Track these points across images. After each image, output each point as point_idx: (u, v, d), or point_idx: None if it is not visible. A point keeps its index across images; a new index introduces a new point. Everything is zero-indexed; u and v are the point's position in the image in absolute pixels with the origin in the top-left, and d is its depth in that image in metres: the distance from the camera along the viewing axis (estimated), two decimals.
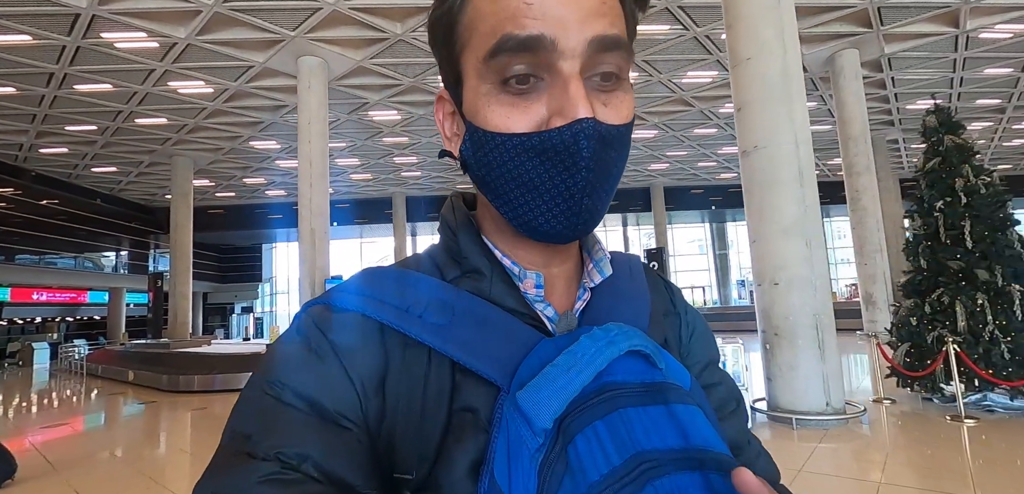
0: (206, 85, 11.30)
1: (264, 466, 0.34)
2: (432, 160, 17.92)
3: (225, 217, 22.64)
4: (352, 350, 0.39)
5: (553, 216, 0.40)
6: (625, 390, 0.36)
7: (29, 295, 18.62)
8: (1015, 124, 17.58)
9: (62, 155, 15.39)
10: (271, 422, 0.36)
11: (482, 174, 0.42)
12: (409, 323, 0.40)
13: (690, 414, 0.36)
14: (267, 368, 0.40)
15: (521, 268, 0.44)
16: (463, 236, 0.46)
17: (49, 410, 8.84)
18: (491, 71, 0.39)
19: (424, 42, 10.03)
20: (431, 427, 0.39)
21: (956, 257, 4.64)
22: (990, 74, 13.27)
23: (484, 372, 0.39)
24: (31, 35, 8.91)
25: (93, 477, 4.59)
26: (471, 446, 0.37)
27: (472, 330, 0.40)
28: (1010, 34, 11.17)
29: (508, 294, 0.43)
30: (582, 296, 0.47)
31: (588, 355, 0.36)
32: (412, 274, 0.44)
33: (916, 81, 13.57)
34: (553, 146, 0.38)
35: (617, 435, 0.34)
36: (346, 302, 0.42)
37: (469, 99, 0.42)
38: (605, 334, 0.38)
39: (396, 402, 0.39)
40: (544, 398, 0.34)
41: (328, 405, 0.37)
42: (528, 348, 0.39)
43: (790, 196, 4.26)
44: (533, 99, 0.39)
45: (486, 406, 0.38)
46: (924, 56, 12.07)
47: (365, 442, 0.38)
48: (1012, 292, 4.36)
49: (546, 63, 0.38)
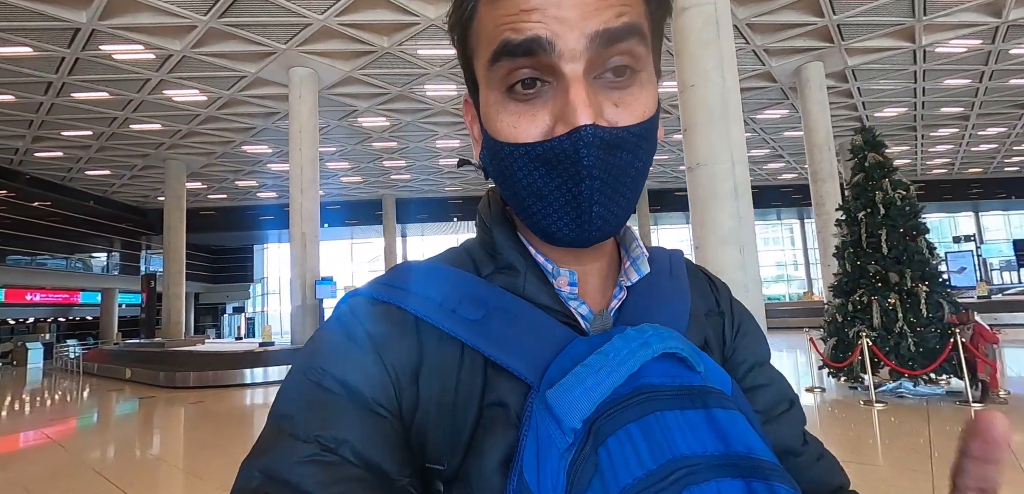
0: (200, 93, 11.71)
1: (305, 447, 0.35)
2: (421, 163, 18.39)
3: (217, 218, 22.96)
4: (388, 341, 0.40)
5: (565, 224, 0.40)
6: (661, 393, 0.35)
7: (23, 296, 18.89)
8: (980, 131, 18.36)
9: (57, 159, 15.70)
10: (312, 406, 0.37)
11: (499, 181, 0.43)
12: (443, 317, 0.41)
13: (731, 419, 0.35)
14: (309, 355, 0.41)
15: (555, 265, 0.44)
16: (498, 232, 0.46)
17: (59, 404, 9.24)
18: (496, 78, 0.39)
19: (410, 54, 10.54)
20: (463, 420, 0.39)
21: (874, 261, 5.25)
22: (950, 84, 13.99)
23: (515, 369, 0.39)
24: (32, 47, 9.30)
25: (111, 461, 5.06)
26: (502, 441, 0.37)
27: (505, 326, 0.41)
28: (964, 49, 11.87)
29: (542, 291, 0.43)
30: (618, 294, 0.46)
31: (620, 356, 0.36)
32: (447, 269, 0.45)
33: (881, 91, 14.27)
34: (555, 156, 0.38)
35: (652, 438, 0.33)
36: (384, 294, 0.43)
37: (484, 107, 0.42)
38: (639, 335, 0.37)
39: (429, 393, 0.40)
40: (574, 398, 0.34)
41: (366, 393, 0.38)
42: (561, 346, 0.39)
43: (727, 209, 4.82)
44: (539, 105, 0.39)
45: (517, 402, 0.38)
46: (886, 68, 12.75)
47: (400, 430, 0.39)
48: (919, 292, 4.97)
49: (548, 66, 0.38)
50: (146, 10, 8.49)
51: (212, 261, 27.96)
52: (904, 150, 20.48)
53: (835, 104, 14.98)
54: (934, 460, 3.71)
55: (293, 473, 0.35)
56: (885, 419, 4.67)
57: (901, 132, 18.07)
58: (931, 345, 4.79)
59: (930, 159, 22.30)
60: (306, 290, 9.87)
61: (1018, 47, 11.92)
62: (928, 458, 3.78)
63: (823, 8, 9.76)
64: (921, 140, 19.19)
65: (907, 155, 21.37)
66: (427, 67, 11.12)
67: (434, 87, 12.22)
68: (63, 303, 21.09)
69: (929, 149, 20.61)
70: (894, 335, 4.93)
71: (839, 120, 16.57)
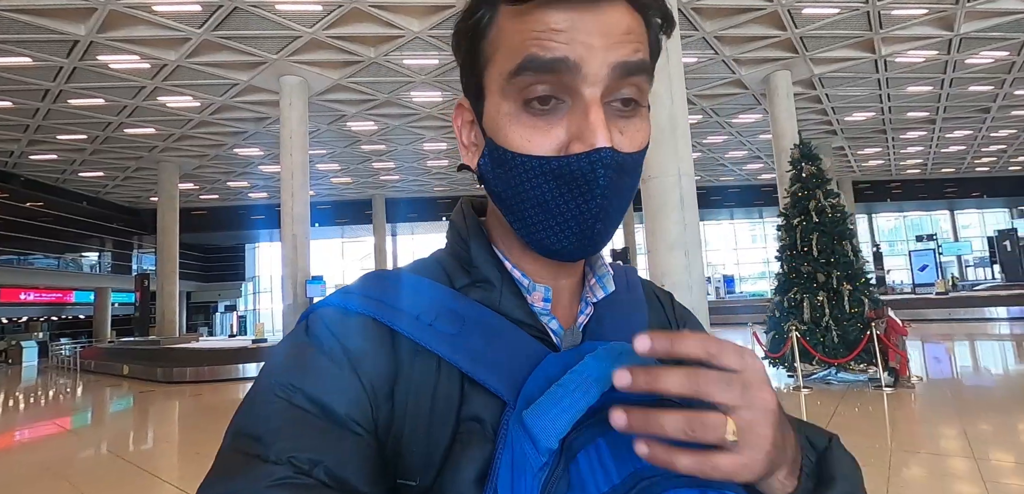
0: (193, 100, 12.13)
1: (277, 470, 0.34)
2: (409, 165, 18.86)
3: (209, 218, 23.29)
4: (363, 355, 0.39)
5: (565, 237, 0.41)
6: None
7: (17, 295, 19.15)
8: (947, 133, 19.13)
9: (51, 161, 16.02)
10: (282, 425, 0.36)
11: (499, 190, 0.43)
12: (420, 331, 0.41)
13: None
14: (277, 369, 0.39)
15: (530, 280, 0.45)
16: (475, 245, 0.46)
17: (69, 397, 9.67)
18: (514, 90, 0.40)
19: (396, 63, 11.02)
20: (438, 435, 0.39)
21: (806, 263, 5.86)
22: (913, 91, 14.69)
23: (491, 385, 0.39)
24: (31, 57, 9.69)
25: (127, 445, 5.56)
26: (477, 455, 0.37)
27: (481, 341, 0.41)
28: (922, 59, 12.55)
29: (517, 306, 0.44)
30: (585, 311, 0.48)
31: (594, 375, 0.36)
32: (423, 280, 0.45)
33: (849, 96, 14.94)
34: (571, 172, 0.39)
35: (619, 451, 0.34)
36: (357, 305, 0.42)
37: (491, 115, 0.42)
38: (609, 352, 0.38)
39: (404, 408, 0.39)
40: (551, 419, 0.34)
41: (339, 410, 0.37)
42: (534, 362, 0.40)
43: (674, 218, 5.40)
44: (554, 121, 0.40)
45: (493, 417, 0.39)
46: (851, 76, 13.42)
47: (375, 447, 0.38)
48: (844, 290, 5.58)
49: (569, 86, 0.39)
50: (143, 24, 8.92)
51: (204, 260, 28.26)
52: (877, 151, 21.24)
53: (806, 108, 15.65)
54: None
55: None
56: (810, 402, 5.29)
57: (872, 134, 18.80)
58: (852, 337, 5.41)
59: (903, 159, 23.08)
60: (297, 289, 10.36)
61: (973, 58, 12.62)
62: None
63: (785, 22, 10.37)
64: (892, 142, 19.93)
65: (880, 156, 22.13)
66: (412, 76, 11.62)
67: (420, 94, 12.72)
68: (57, 302, 21.36)
69: (901, 150, 21.37)
70: (821, 329, 5.54)
71: (811, 124, 17.25)
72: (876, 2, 9.87)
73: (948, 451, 3.91)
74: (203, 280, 28.46)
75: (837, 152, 20.48)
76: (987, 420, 4.53)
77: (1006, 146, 21.46)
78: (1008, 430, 4.31)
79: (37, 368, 16.84)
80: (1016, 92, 15.22)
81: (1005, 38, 11.71)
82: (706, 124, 16.70)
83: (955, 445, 3.96)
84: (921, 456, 3.84)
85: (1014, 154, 23.05)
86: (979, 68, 13.28)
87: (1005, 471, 3.40)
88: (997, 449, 3.83)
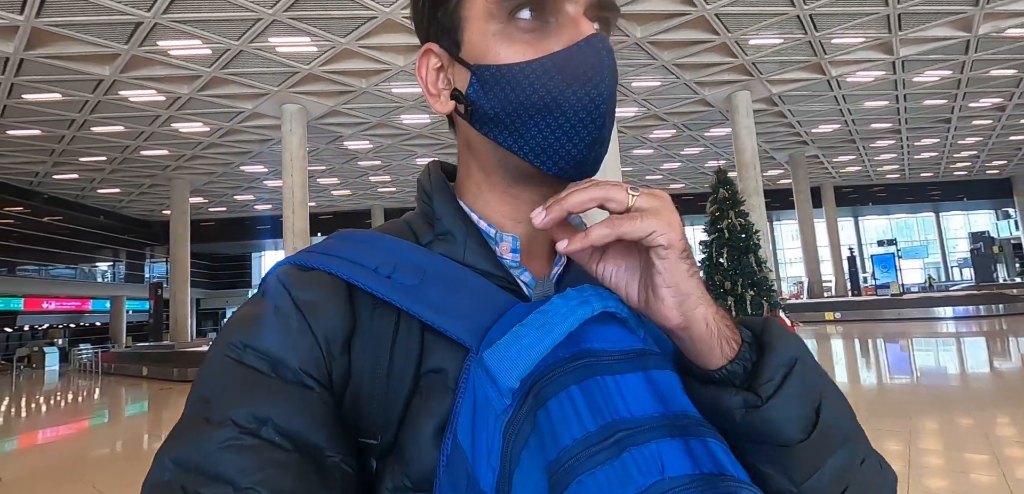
0: (203, 125, 13.37)
1: (222, 432, 0.33)
2: (404, 178, 20.03)
3: (217, 229, 24.59)
4: (318, 308, 0.38)
5: (579, 139, 0.39)
6: (602, 357, 0.36)
7: (40, 304, 20.48)
8: (915, 141, 20.07)
9: (73, 179, 17.33)
10: (230, 385, 0.35)
11: (496, 112, 0.41)
12: (378, 283, 0.39)
13: (668, 380, 0.36)
14: (229, 330, 0.38)
15: (498, 231, 0.44)
16: (438, 199, 0.45)
17: (102, 396, 10.88)
18: (502, 12, 0.39)
19: (386, 92, 12.19)
20: (397, 390, 0.38)
21: (718, 274, 6.93)
22: (870, 106, 15.70)
23: (453, 332, 0.38)
24: (61, 94, 10.94)
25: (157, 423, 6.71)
26: (438, 408, 0.36)
27: (442, 291, 0.40)
28: (872, 78, 13.58)
29: (483, 257, 0.43)
30: (559, 261, 0.46)
31: (560, 314, 0.35)
32: (383, 236, 0.43)
33: (811, 111, 15.97)
34: (576, 60, 0.39)
35: (593, 401, 0.33)
36: (314, 261, 0.41)
37: (475, 42, 0.41)
38: (578, 294, 0.37)
39: (362, 363, 0.38)
40: (511, 356, 0.34)
41: (291, 363, 0.36)
42: (501, 312, 0.39)
43: None
44: (543, 36, 0.40)
45: (455, 368, 0.37)
46: (809, 95, 14.46)
47: (330, 403, 0.37)
48: (747, 297, 6.64)
49: (554, 6, 0.39)
50: (159, 65, 10.14)
51: (212, 269, 29.58)
52: (851, 158, 22.19)
53: (774, 122, 16.69)
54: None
55: (209, 461, 0.32)
56: None
57: (842, 143, 19.78)
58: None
59: (879, 165, 23.99)
60: None
61: (919, 76, 13.63)
62: None
63: (735, 51, 11.45)
64: (863, 150, 20.89)
65: (856, 162, 23.07)
66: (401, 102, 12.80)
67: (409, 117, 13.90)
68: (75, 310, 22.68)
69: (875, 157, 22.30)
70: None
71: (781, 136, 18.28)
72: (815, 32, 10.93)
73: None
74: (211, 288, 29.78)
75: (812, 160, 21.47)
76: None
77: (977, 151, 22.35)
78: (864, 426, 5.32)
79: (58, 372, 18.07)
80: (971, 104, 16.18)
81: (945, 59, 12.74)
82: (681, 137, 17.76)
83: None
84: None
85: (988, 159, 23.91)
86: (928, 85, 14.28)
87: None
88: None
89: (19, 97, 10.84)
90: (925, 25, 10.97)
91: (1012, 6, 10.43)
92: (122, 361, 14.94)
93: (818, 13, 10.18)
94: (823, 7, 9.95)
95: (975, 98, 15.60)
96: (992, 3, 10.19)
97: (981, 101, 15.95)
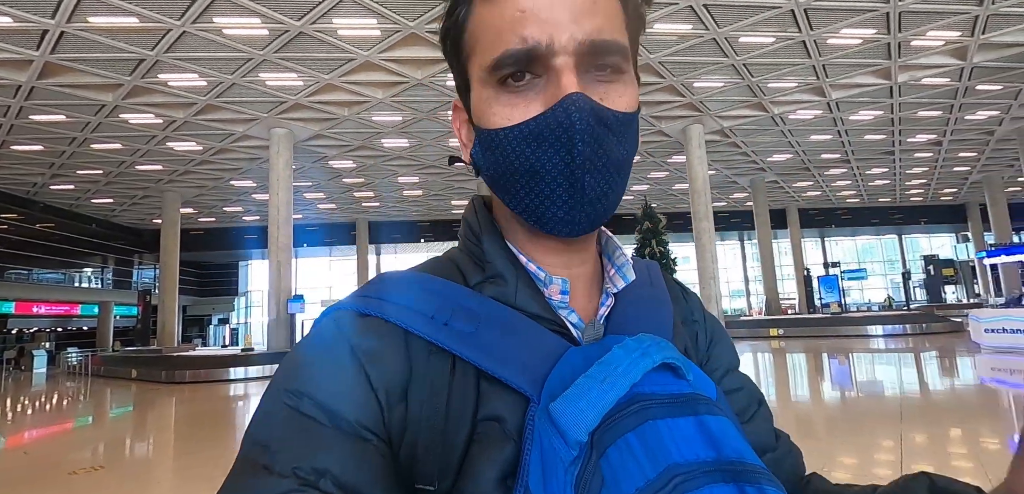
0: (196, 144, 14.35)
1: (282, 483, 0.34)
2: (388, 194, 21.08)
3: (206, 238, 25.39)
4: (375, 357, 0.39)
5: (557, 200, 0.40)
6: (654, 401, 0.36)
7: (30, 308, 21.13)
8: (866, 170, 21.51)
9: (68, 190, 18.16)
10: (289, 434, 0.36)
11: (491, 173, 0.43)
12: (436, 330, 0.40)
13: (721, 426, 0.36)
14: (287, 375, 0.39)
15: (547, 273, 0.44)
16: (488, 240, 0.45)
17: (96, 395, 11.71)
18: (493, 78, 0.41)
19: (367, 120, 13.29)
20: (455, 438, 0.38)
21: None
22: (816, 139, 17.10)
23: (512, 381, 0.38)
24: (65, 115, 11.90)
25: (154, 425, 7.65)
26: (497, 456, 0.36)
27: (499, 337, 0.40)
28: (811, 116, 14.95)
29: (533, 300, 0.43)
30: (605, 302, 0.46)
31: (622, 367, 0.36)
32: (436, 280, 0.43)
33: (763, 142, 17.32)
34: (548, 125, 0.39)
35: (649, 447, 0.34)
36: (371, 308, 0.41)
37: (476, 105, 0.43)
38: (638, 345, 0.38)
39: (419, 411, 0.38)
40: (579, 410, 0.34)
41: (349, 415, 0.36)
42: (556, 357, 0.39)
43: None
44: (531, 96, 0.40)
45: (513, 415, 0.37)
46: (757, 129, 15.79)
47: (387, 454, 0.37)
48: None
49: (543, 63, 0.40)
50: (158, 93, 11.16)
51: (200, 277, 30.26)
52: (810, 184, 23.62)
53: (731, 151, 18.02)
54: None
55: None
56: None
57: (798, 171, 21.18)
58: None
59: (836, 191, 25.47)
60: (280, 306, 12.51)
61: (854, 115, 15.03)
62: None
63: (682, 92, 12.73)
64: (819, 177, 22.33)
65: (815, 187, 24.52)
66: (381, 128, 13.91)
67: (389, 141, 15.00)
68: (64, 314, 23.30)
69: (832, 184, 23.77)
70: None
71: (739, 163, 19.63)
72: (752, 78, 12.25)
73: None
74: (199, 295, 30.43)
75: (773, 185, 22.87)
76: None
77: (926, 180, 23.91)
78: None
79: (46, 374, 18.70)
80: (909, 140, 17.66)
81: (874, 102, 14.15)
82: (647, 162, 19.03)
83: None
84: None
85: (939, 187, 25.51)
86: (865, 122, 15.70)
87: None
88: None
89: (26, 118, 11.78)
90: (849, 74, 12.34)
91: (923, 60, 11.84)
92: (112, 364, 15.73)
93: (751, 63, 11.50)
94: (756, 57, 11.27)
95: (911, 133, 17.05)
96: (904, 57, 11.58)
97: (917, 137, 17.43)
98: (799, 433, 4.45)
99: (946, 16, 10.00)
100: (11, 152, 14.03)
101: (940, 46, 11.15)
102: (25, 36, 8.75)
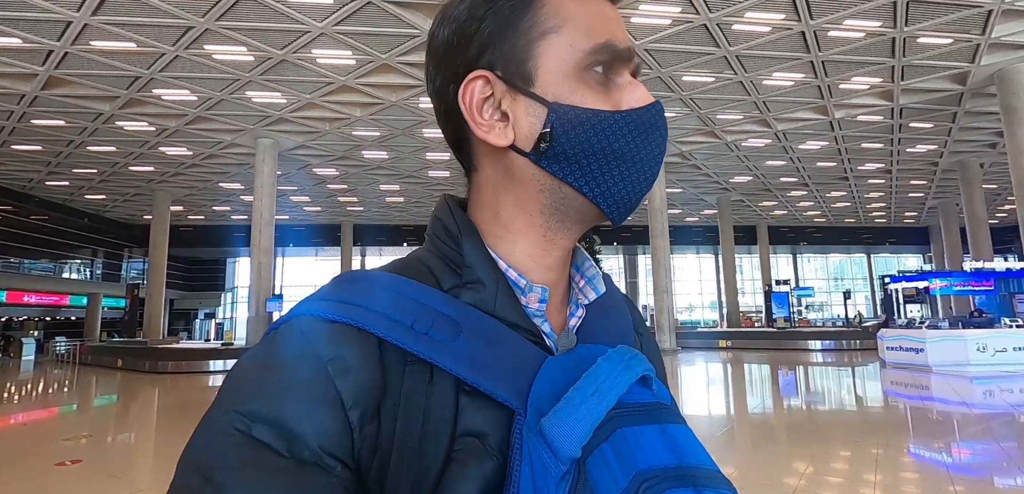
0: (187, 150, 15.27)
1: None
2: (371, 197, 22.01)
3: (195, 235, 26.17)
4: (347, 369, 0.35)
5: (640, 187, 0.42)
6: (623, 410, 0.37)
7: (21, 297, 21.84)
8: (825, 193, 22.73)
9: (63, 186, 18.96)
10: (237, 464, 0.31)
11: (574, 152, 0.41)
12: (415, 341, 0.37)
13: (682, 433, 0.37)
14: (237, 390, 0.34)
15: (527, 280, 0.43)
16: (468, 243, 0.43)
17: (84, 382, 12.58)
18: (587, 58, 0.41)
19: (349, 134, 14.26)
20: (431, 456, 0.35)
21: None
22: (771, 164, 18.27)
23: (497, 394, 0.36)
24: (65, 121, 12.79)
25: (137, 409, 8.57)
26: (477, 474, 0.35)
27: (483, 348, 0.38)
28: (762, 144, 16.11)
29: (511, 308, 0.41)
30: (576, 313, 0.46)
31: (609, 379, 0.36)
32: (407, 282, 0.40)
33: (724, 165, 18.46)
34: (652, 120, 0.42)
35: (621, 456, 0.34)
36: (342, 314, 0.36)
37: (553, 81, 0.41)
38: (621, 357, 0.38)
39: (392, 428, 0.35)
40: (571, 426, 0.34)
41: (311, 441, 0.32)
42: (534, 368, 0.38)
43: None
44: (610, 93, 0.42)
45: (496, 430, 0.36)
46: (715, 154, 16.93)
47: (350, 486, 0.33)
48: None
49: (619, 69, 0.42)
50: (152, 105, 12.10)
51: (187, 272, 30.99)
52: (775, 204, 24.85)
53: (692, 172, 19.14)
54: None
55: None
56: None
57: (759, 192, 22.38)
58: None
59: (803, 212, 26.73)
60: (259, 304, 13.47)
61: (803, 144, 16.21)
62: None
63: None
64: (783, 198, 23.54)
65: (781, 206, 25.75)
66: (361, 141, 14.91)
67: (370, 153, 16.00)
68: (54, 304, 24.01)
69: (796, 204, 25.00)
70: None
71: (706, 183, 20.76)
72: (699, 109, 13.38)
73: None
74: (186, 289, 31.15)
75: (739, 203, 24.06)
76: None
77: (886, 203, 25.21)
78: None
79: (34, 361, 19.44)
80: (859, 168, 18.88)
81: (818, 134, 15.33)
82: None
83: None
84: None
85: (899, 210, 26.83)
86: (814, 151, 16.88)
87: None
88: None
89: (28, 122, 12.66)
90: (790, 110, 13.51)
91: (857, 100, 13.02)
92: (98, 353, 16.56)
93: (697, 98, 12.62)
94: (700, 94, 12.40)
95: (860, 162, 18.26)
96: (835, 98, 12.76)
97: (867, 165, 18.65)
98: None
99: (866, 65, 11.18)
100: (10, 151, 14.87)
101: (866, 89, 12.34)
102: (32, 54, 9.68)
